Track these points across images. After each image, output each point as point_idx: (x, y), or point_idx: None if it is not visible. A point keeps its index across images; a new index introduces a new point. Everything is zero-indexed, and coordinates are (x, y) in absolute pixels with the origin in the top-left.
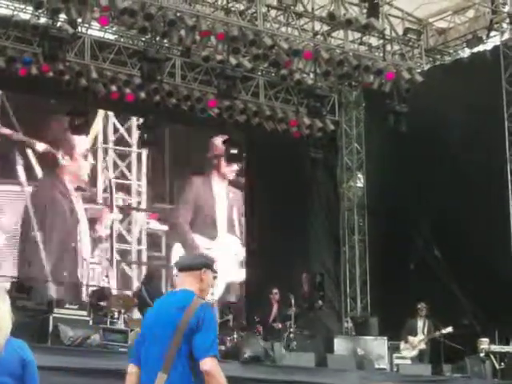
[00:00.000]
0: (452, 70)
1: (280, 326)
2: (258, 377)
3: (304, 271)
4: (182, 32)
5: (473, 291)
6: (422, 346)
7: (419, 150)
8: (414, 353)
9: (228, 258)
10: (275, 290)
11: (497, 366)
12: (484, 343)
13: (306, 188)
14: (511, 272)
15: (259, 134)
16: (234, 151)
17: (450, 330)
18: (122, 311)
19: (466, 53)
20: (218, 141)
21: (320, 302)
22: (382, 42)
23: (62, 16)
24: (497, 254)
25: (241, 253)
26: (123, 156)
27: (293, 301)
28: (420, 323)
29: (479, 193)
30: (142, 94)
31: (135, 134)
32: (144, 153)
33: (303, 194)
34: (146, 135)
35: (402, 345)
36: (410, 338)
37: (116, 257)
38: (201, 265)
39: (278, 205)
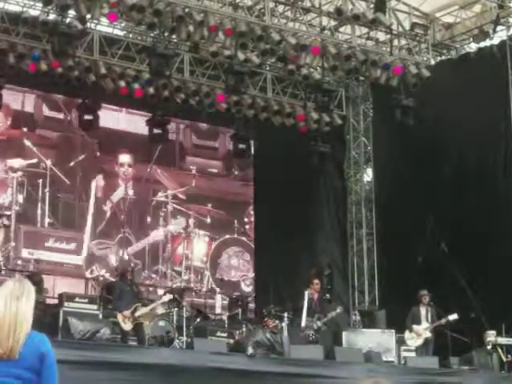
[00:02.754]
0: (459, 64)
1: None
2: (266, 370)
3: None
4: (191, 27)
5: (479, 284)
6: (427, 334)
7: (426, 144)
8: (420, 341)
9: None
10: (316, 281)
11: (504, 359)
12: (491, 336)
13: (314, 182)
14: None
15: (267, 128)
16: (242, 146)
17: (455, 316)
18: None
19: (472, 47)
20: None
21: (328, 296)
22: (389, 36)
23: (71, 12)
24: (503, 248)
25: None
26: None
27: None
28: (423, 311)
29: (487, 187)
30: (151, 90)
31: None
32: None
33: (311, 188)
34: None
35: (407, 334)
36: (415, 327)
37: None
38: None
39: (285, 198)
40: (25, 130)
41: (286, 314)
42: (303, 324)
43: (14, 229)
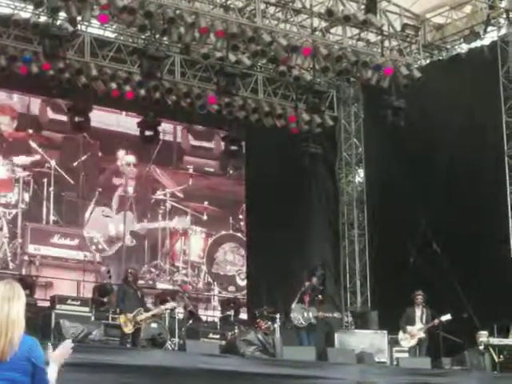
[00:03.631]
0: (450, 65)
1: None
2: (259, 371)
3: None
4: (182, 29)
5: (471, 285)
6: (421, 334)
7: (417, 145)
8: (413, 342)
9: None
10: (308, 283)
11: (496, 359)
12: (483, 336)
13: (306, 183)
14: (509, 266)
15: (258, 130)
16: (234, 147)
17: (448, 317)
18: None
19: (463, 48)
20: None
21: (320, 297)
22: (380, 37)
23: (62, 14)
24: (495, 248)
25: None
26: None
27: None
28: (418, 312)
29: (478, 186)
30: (142, 92)
31: None
32: None
33: (303, 190)
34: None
35: (401, 334)
36: (409, 328)
37: None
38: None
39: (277, 200)
40: (30, 131)
41: (278, 316)
42: (293, 306)
43: (20, 226)
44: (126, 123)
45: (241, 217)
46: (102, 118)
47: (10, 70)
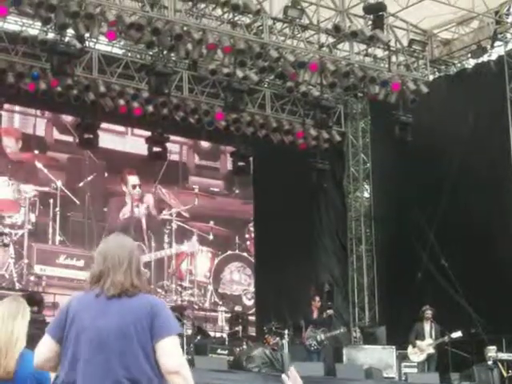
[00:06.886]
0: (457, 80)
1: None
2: None
3: (312, 291)
4: (189, 46)
5: (480, 299)
6: (430, 350)
7: (425, 160)
8: (422, 357)
9: None
10: (317, 298)
11: (504, 374)
12: (491, 351)
13: (313, 199)
14: None
15: (266, 145)
16: (242, 163)
17: (459, 334)
18: None
19: (470, 63)
20: None
21: (329, 312)
22: (387, 53)
23: (70, 31)
24: (504, 262)
25: None
26: None
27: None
28: (427, 327)
29: (485, 202)
30: (150, 108)
31: None
32: None
33: (310, 205)
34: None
35: (410, 349)
36: (418, 343)
37: None
38: None
39: (285, 216)
40: (36, 152)
41: (286, 331)
42: (307, 333)
43: (26, 246)
44: (132, 143)
45: (247, 236)
46: (107, 137)
47: (18, 87)
